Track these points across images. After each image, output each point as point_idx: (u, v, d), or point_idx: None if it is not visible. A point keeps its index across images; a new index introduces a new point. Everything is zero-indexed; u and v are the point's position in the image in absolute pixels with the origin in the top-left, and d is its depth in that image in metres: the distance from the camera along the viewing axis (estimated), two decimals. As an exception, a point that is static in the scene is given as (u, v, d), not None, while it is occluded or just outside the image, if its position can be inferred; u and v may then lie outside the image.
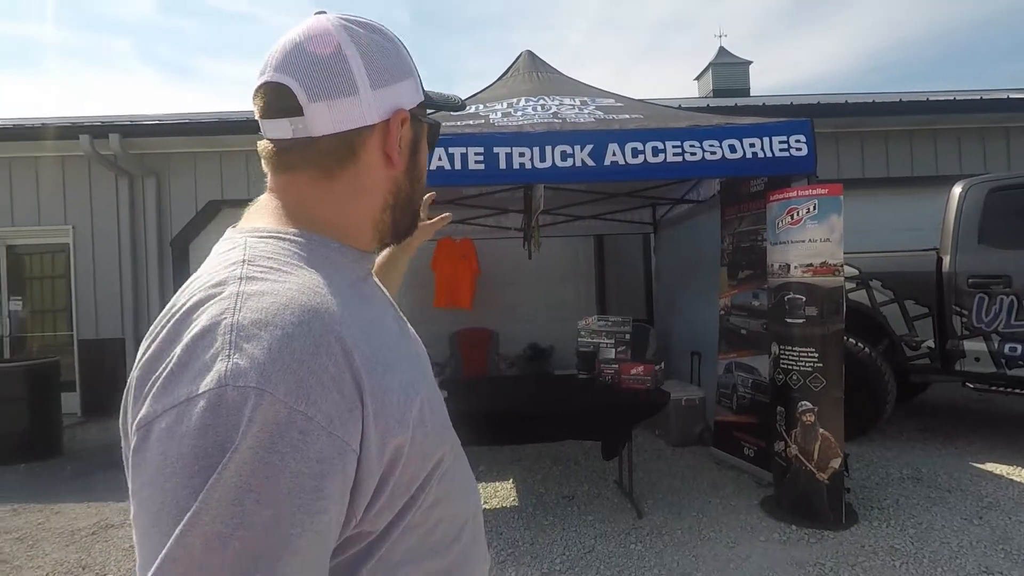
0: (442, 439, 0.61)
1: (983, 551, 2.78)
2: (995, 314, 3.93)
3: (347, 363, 0.49)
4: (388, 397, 0.52)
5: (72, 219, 6.46)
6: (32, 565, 3.00)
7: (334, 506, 0.47)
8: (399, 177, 0.66)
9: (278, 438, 0.44)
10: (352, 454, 0.48)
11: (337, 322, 0.51)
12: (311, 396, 0.46)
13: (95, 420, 6.27)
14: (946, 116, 6.61)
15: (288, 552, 0.44)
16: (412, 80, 0.65)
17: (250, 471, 0.42)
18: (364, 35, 0.62)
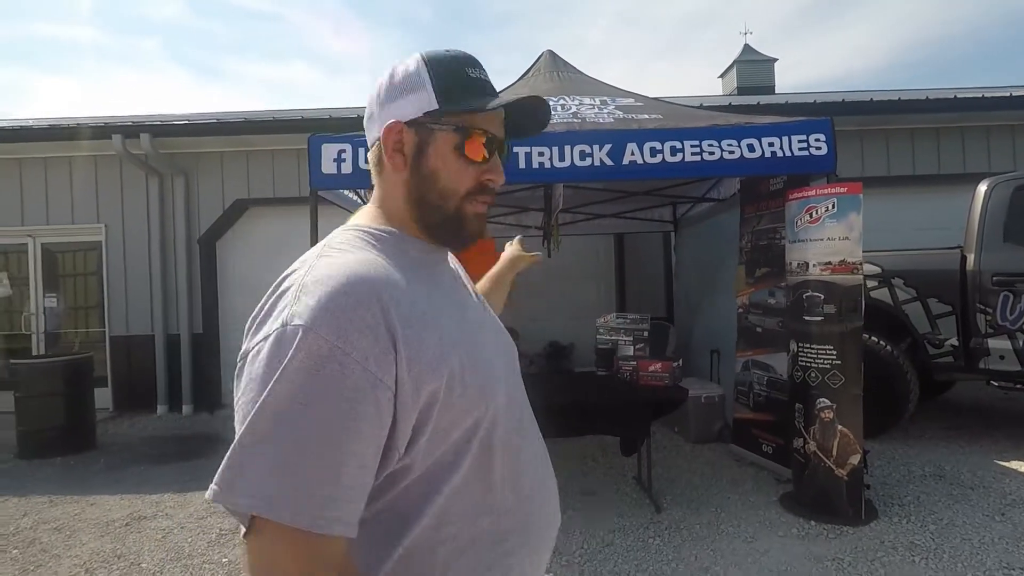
0: (484, 400, 0.69)
1: (1005, 548, 2.78)
2: (1020, 312, 3.89)
3: (383, 317, 0.61)
4: (422, 347, 0.63)
5: (104, 218, 6.65)
6: (70, 554, 3.13)
7: (366, 427, 0.59)
8: (407, 179, 0.75)
9: (320, 364, 0.57)
10: (385, 388, 0.60)
11: (380, 286, 0.63)
12: (349, 337, 0.58)
13: (126, 415, 6.46)
14: (974, 113, 6.50)
15: (316, 458, 0.57)
16: (421, 93, 0.72)
17: (297, 386, 0.57)
18: (400, 64, 0.75)
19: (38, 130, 6.38)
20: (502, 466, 0.71)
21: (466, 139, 0.73)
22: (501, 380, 0.74)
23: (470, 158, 0.73)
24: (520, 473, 0.75)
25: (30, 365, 5.10)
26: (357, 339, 0.59)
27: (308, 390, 0.57)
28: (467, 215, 0.76)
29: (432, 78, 0.73)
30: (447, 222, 0.76)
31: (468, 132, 0.73)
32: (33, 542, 3.27)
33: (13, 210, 6.64)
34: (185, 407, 6.52)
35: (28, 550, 3.17)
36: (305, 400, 0.56)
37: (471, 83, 0.74)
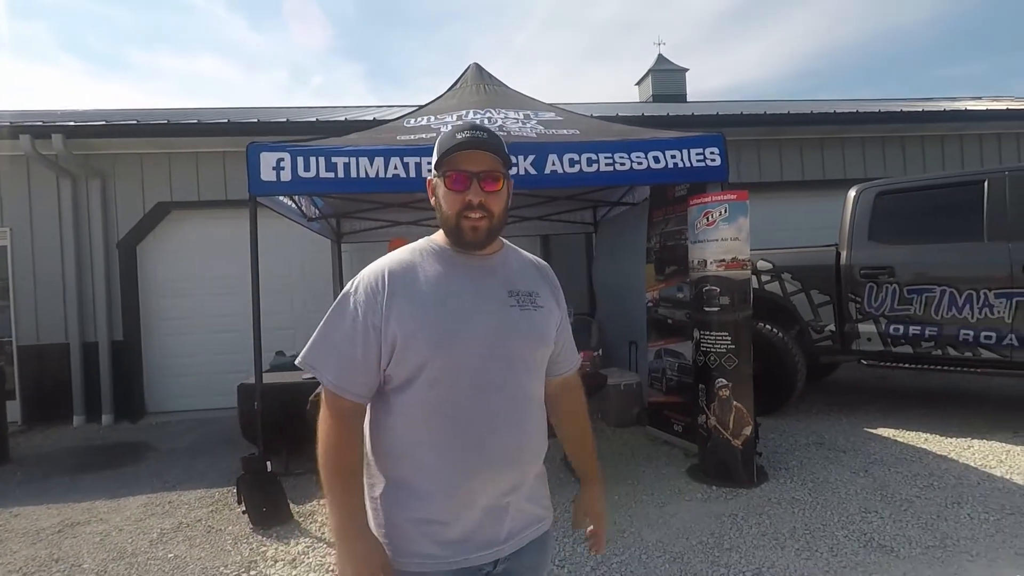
0: (432, 352, 1.06)
1: (865, 497, 3.33)
2: (882, 300, 4.56)
3: (382, 290, 1.09)
4: (396, 308, 1.07)
5: (9, 221, 6.33)
6: (2, 563, 3.09)
7: (365, 344, 1.07)
8: (436, 210, 1.19)
9: (346, 310, 1.11)
10: (376, 327, 1.07)
11: (390, 276, 1.10)
12: (364, 299, 1.10)
13: (38, 427, 6.18)
14: (850, 126, 7.39)
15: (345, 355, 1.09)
16: (433, 158, 1.18)
17: (336, 317, 1.12)
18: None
19: (-67, 129, 5.97)
20: (448, 401, 1.08)
21: (448, 180, 1.13)
22: (467, 351, 1.08)
23: (450, 190, 1.12)
24: (467, 413, 1.08)
25: (-67, 378, 4.82)
26: (367, 300, 1.09)
27: (342, 319, 1.10)
28: (463, 227, 1.12)
29: (437, 146, 1.15)
30: (452, 232, 1.14)
31: (447, 177, 1.13)
32: (-41, 555, 3.19)
33: (-97, 213, 6.18)
34: (105, 416, 6.30)
35: (-45, 562, 3.11)
36: (339, 324, 1.10)
37: (452, 143, 1.11)
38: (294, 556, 2.98)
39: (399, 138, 3.77)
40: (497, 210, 1.14)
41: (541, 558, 1.24)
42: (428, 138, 3.75)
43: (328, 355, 1.09)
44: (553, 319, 1.25)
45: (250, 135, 5.97)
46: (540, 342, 1.20)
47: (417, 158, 3.47)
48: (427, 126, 4.03)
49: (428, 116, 4.28)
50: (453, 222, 1.12)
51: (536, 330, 1.18)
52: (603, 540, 1.37)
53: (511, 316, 1.14)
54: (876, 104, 8.53)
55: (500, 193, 1.14)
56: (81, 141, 6.10)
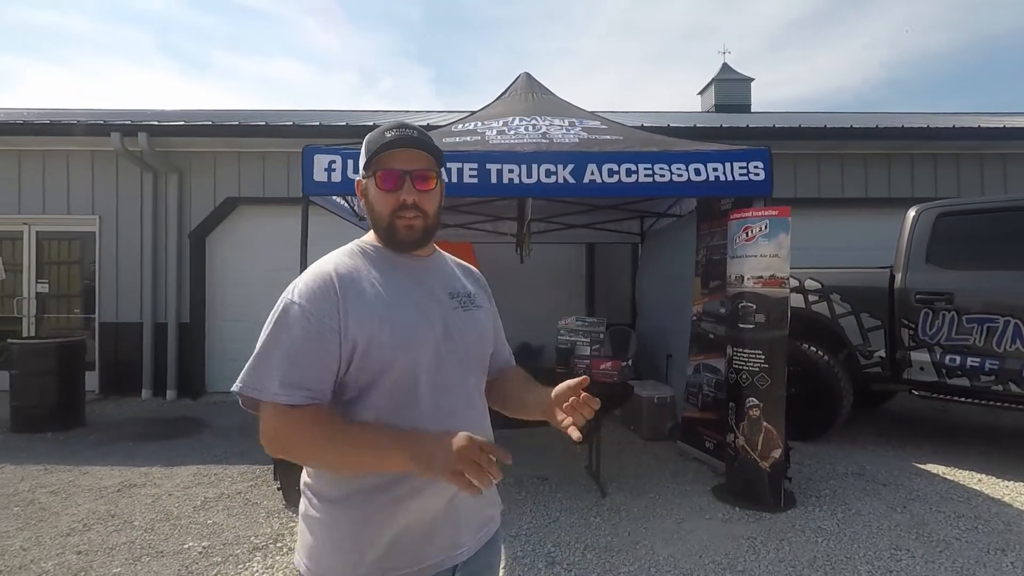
0: (394, 355, 1.03)
1: (899, 534, 3.18)
2: (938, 328, 4.33)
3: (335, 293, 1.03)
4: (354, 312, 1.03)
5: (99, 209, 6.93)
6: (67, 512, 3.44)
7: (324, 351, 1.00)
8: (367, 213, 1.16)
9: (295, 318, 1.01)
10: (334, 331, 1.01)
11: (337, 277, 1.05)
12: (317, 303, 1.02)
13: (112, 397, 6.73)
14: (920, 142, 7.00)
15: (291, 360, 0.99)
16: (361, 158, 1.14)
17: (283, 328, 1.02)
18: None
19: (39, 125, 6.63)
20: (407, 404, 1.05)
21: (380, 179, 1.11)
22: (424, 351, 1.06)
23: (382, 189, 1.11)
24: (426, 416, 1.05)
25: (25, 345, 5.36)
26: (321, 304, 1.02)
27: (290, 330, 1.01)
28: (397, 227, 1.11)
29: (365, 145, 1.13)
30: (386, 233, 1.13)
31: (380, 176, 1.11)
32: (32, 502, 3.57)
33: (10, 199, 6.89)
34: (169, 392, 6.79)
35: (28, 508, 3.48)
36: (288, 334, 1.00)
37: (382, 140, 1.10)
38: (318, 535, 3.15)
39: (444, 141, 3.91)
40: (431, 209, 1.13)
41: (494, 559, 1.23)
42: (472, 142, 3.88)
43: (276, 368, 0.98)
44: (491, 319, 1.27)
45: (313, 137, 6.32)
46: (485, 341, 1.23)
47: (459, 163, 3.59)
48: (472, 130, 4.16)
49: (475, 122, 4.41)
50: (386, 222, 1.11)
51: (480, 329, 1.20)
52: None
53: (458, 316, 1.15)
54: (952, 119, 8.03)
55: (433, 192, 1.13)
56: (162, 139, 6.62)
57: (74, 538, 3.10)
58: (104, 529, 3.21)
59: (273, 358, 0.99)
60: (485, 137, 3.98)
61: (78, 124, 6.55)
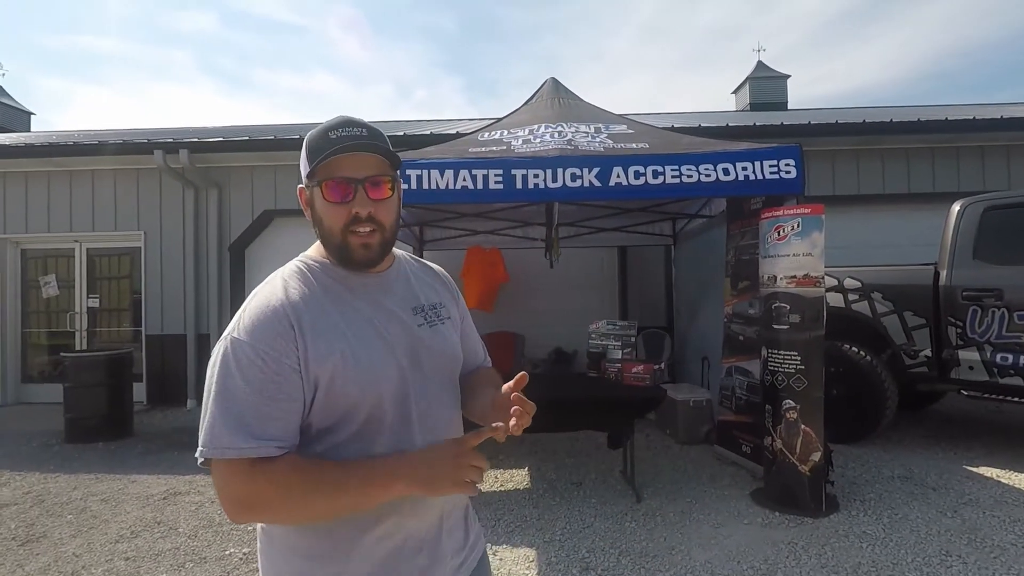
0: (360, 386, 0.92)
1: (948, 539, 3.05)
2: (987, 325, 4.14)
3: (290, 327, 0.90)
4: (315, 347, 0.90)
5: (144, 225, 7.22)
6: (117, 520, 3.58)
7: (286, 395, 0.88)
8: (314, 226, 1.01)
9: (247, 361, 0.87)
10: (293, 370, 0.89)
11: (291, 309, 0.91)
12: (269, 339, 0.88)
13: (159, 408, 6.98)
14: (967, 135, 6.73)
15: (252, 412, 0.86)
16: (303, 162, 0.99)
17: (234, 375, 0.87)
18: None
19: (88, 146, 6.96)
20: (386, 437, 0.95)
21: (330, 188, 0.95)
22: (392, 379, 0.96)
23: (330, 201, 0.95)
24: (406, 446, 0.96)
25: (78, 358, 5.61)
26: (275, 341, 0.88)
27: (244, 375, 0.86)
28: (351, 244, 0.97)
29: (306, 147, 0.97)
30: (338, 251, 0.98)
31: (328, 183, 0.95)
32: (84, 510, 3.72)
33: (63, 217, 7.25)
34: (213, 402, 7.00)
35: (80, 516, 3.63)
36: (242, 383, 0.86)
37: (326, 143, 0.94)
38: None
39: (471, 150, 3.95)
40: (388, 221, 0.99)
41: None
42: (498, 151, 3.91)
43: (237, 420, 0.85)
44: (458, 326, 1.17)
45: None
46: (454, 358, 1.11)
47: (485, 170, 3.62)
48: (499, 139, 4.19)
49: (501, 130, 4.44)
50: (338, 239, 0.97)
51: (448, 346, 1.09)
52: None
53: (422, 336, 1.03)
54: (1000, 109, 7.69)
55: (390, 201, 0.99)
56: (202, 155, 6.87)
57: (123, 544, 3.23)
58: (151, 536, 3.33)
59: (230, 410, 0.85)
60: (511, 146, 4.00)
61: (124, 144, 6.86)
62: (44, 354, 7.50)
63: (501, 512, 3.54)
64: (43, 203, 7.27)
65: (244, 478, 0.85)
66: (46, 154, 6.99)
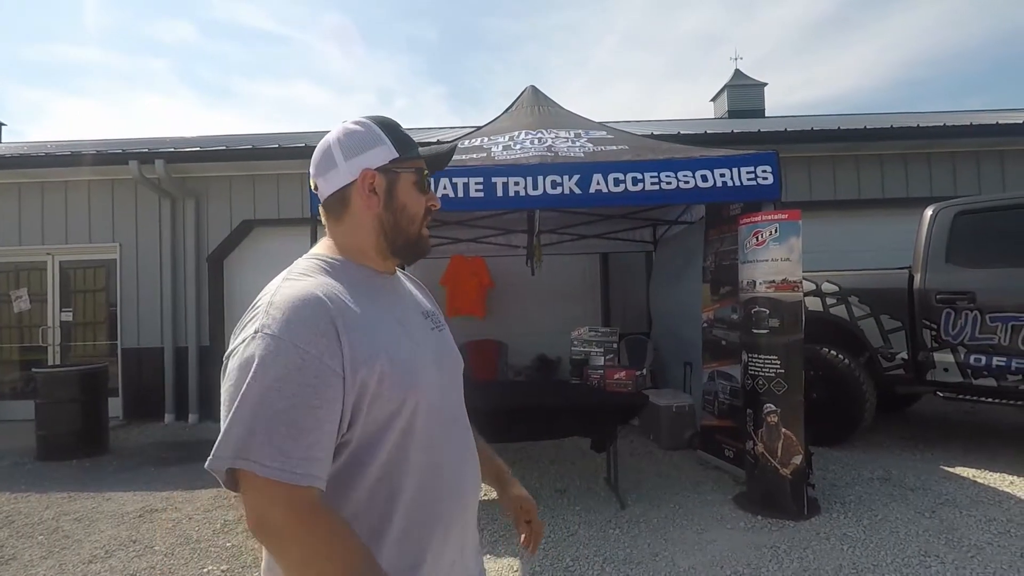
0: (404, 393, 0.86)
1: (927, 539, 3.09)
2: (961, 328, 4.23)
3: (331, 323, 0.80)
4: (360, 347, 0.82)
5: (119, 237, 7.08)
6: (90, 540, 3.48)
7: (328, 403, 0.78)
8: (380, 213, 0.96)
9: (287, 360, 0.77)
10: (337, 376, 0.79)
11: (330, 303, 0.82)
12: (310, 338, 0.78)
13: (135, 423, 6.82)
14: (938, 141, 6.89)
15: (295, 427, 0.76)
16: (381, 147, 0.96)
17: (271, 376, 0.76)
18: (348, 129, 0.97)
19: (61, 156, 6.83)
20: (420, 448, 0.89)
21: (419, 177, 0.98)
22: (429, 383, 0.91)
23: (422, 191, 0.99)
24: (440, 456, 0.92)
25: (50, 374, 5.47)
26: (313, 341, 0.78)
27: (281, 378, 0.76)
28: (423, 236, 1.00)
29: (386, 134, 0.96)
30: (410, 242, 0.98)
31: (419, 172, 0.98)
32: (56, 530, 3.62)
33: (34, 230, 7.09)
34: (191, 416, 6.87)
35: (52, 536, 3.52)
36: (279, 385, 0.76)
37: (407, 137, 0.99)
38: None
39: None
40: None
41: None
42: (478, 159, 3.91)
43: (273, 434, 0.75)
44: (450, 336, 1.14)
45: (324, 158, 6.40)
46: (460, 364, 1.08)
47: (465, 178, 3.62)
48: (479, 147, 4.19)
49: (481, 138, 4.44)
50: (416, 229, 0.98)
51: (454, 349, 1.08)
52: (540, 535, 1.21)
53: (438, 339, 1.02)
54: (970, 116, 7.90)
55: None
56: (179, 165, 6.77)
57: (96, 565, 3.13)
58: (126, 555, 3.24)
59: (264, 418, 0.75)
60: (491, 153, 4.01)
61: (97, 154, 6.73)
62: (15, 370, 7.30)
63: (485, 521, 3.51)
64: (14, 215, 7.10)
65: (282, 505, 0.76)
66: (16, 165, 6.84)
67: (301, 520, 0.76)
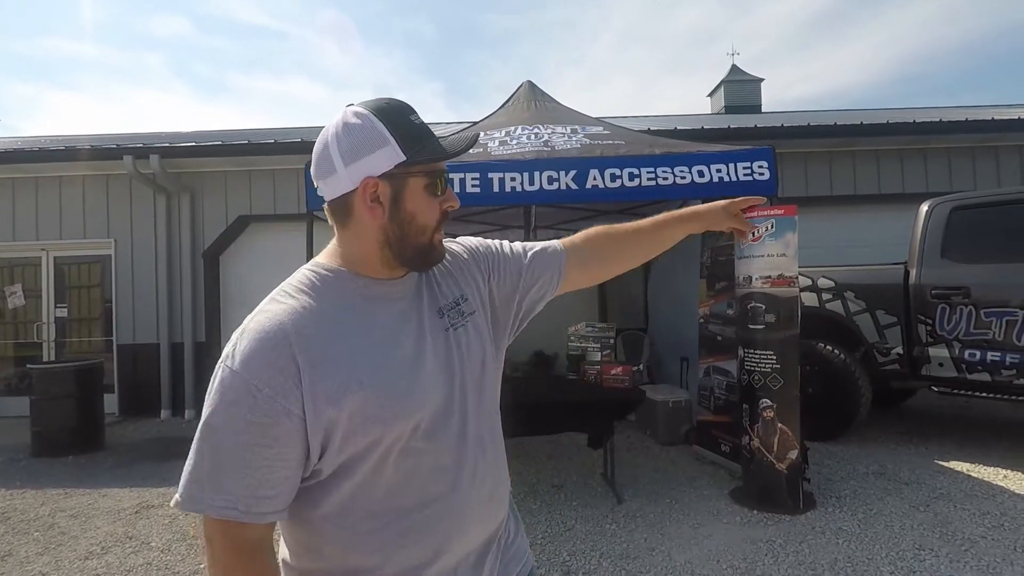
0: (384, 426, 0.80)
1: (922, 533, 3.11)
2: (956, 323, 4.24)
3: (292, 360, 0.76)
4: (324, 384, 0.76)
5: (114, 232, 7.05)
6: (86, 536, 3.47)
7: (280, 442, 0.75)
8: (384, 224, 0.85)
9: (240, 397, 0.74)
10: (293, 415, 0.75)
11: (294, 334, 0.77)
12: (263, 375, 0.74)
13: (131, 419, 6.81)
14: (934, 137, 6.90)
15: (241, 464, 0.74)
16: (387, 148, 0.82)
17: (223, 412, 0.74)
18: (348, 124, 0.83)
19: (54, 151, 6.79)
20: (400, 476, 0.83)
21: (433, 180, 0.86)
22: (425, 402, 0.84)
23: (435, 195, 0.87)
24: (432, 480, 0.86)
25: (45, 370, 5.45)
26: (270, 378, 0.74)
27: (233, 416, 0.74)
28: (436, 244, 0.89)
29: (392, 133, 0.82)
30: (421, 253, 0.88)
31: (432, 175, 0.86)
32: (52, 526, 3.61)
33: (29, 225, 7.05)
34: (188, 412, 6.86)
35: (48, 532, 3.52)
36: (231, 425, 0.74)
37: (418, 131, 0.85)
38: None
39: (447, 155, 3.94)
40: None
41: None
42: (474, 154, 3.90)
43: (222, 477, 0.74)
44: (484, 315, 1.01)
45: (320, 153, 6.37)
46: (485, 359, 0.97)
47: (461, 174, 3.62)
48: (475, 143, 4.17)
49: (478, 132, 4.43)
50: (428, 238, 0.88)
51: (480, 348, 0.96)
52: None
53: (451, 342, 0.92)
54: (965, 112, 7.92)
55: None
56: (174, 160, 6.74)
57: (92, 561, 3.13)
58: (122, 551, 3.24)
59: (219, 460, 0.74)
60: (488, 148, 4.00)
61: (91, 149, 6.70)
62: (10, 366, 7.28)
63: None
64: (7, 211, 7.06)
65: (218, 544, 0.77)
66: (10, 160, 6.81)
67: (237, 558, 0.77)
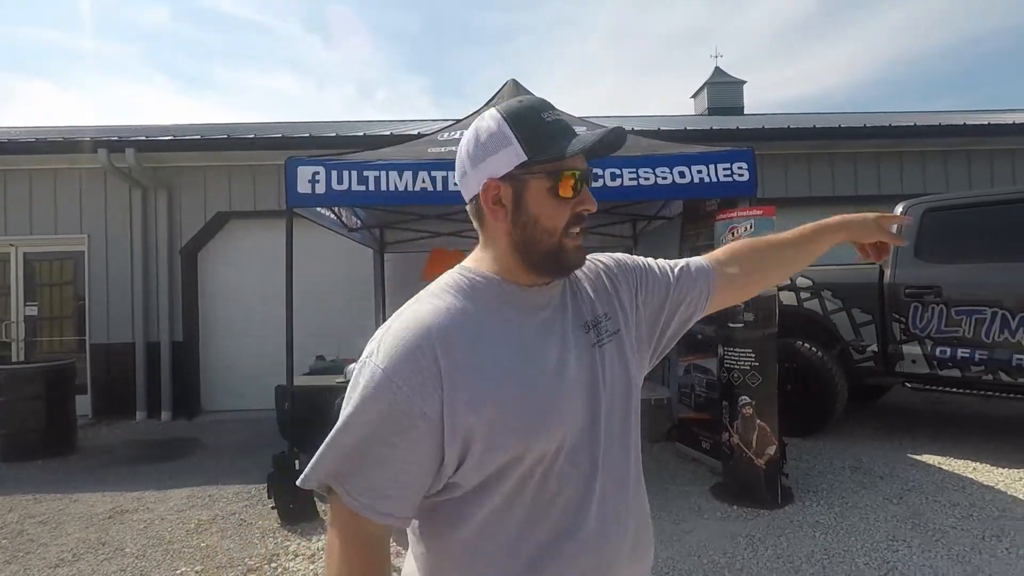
0: (525, 440, 0.76)
1: (895, 525, 3.19)
2: (928, 321, 4.35)
3: (435, 362, 0.74)
4: (465, 389, 0.74)
5: (87, 228, 6.87)
6: (56, 543, 3.38)
7: (412, 444, 0.74)
8: (508, 228, 0.82)
9: (380, 393, 0.74)
10: (428, 419, 0.74)
11: (438, 336, 0.76)
12: (405, 375, 0.74)
13: (105, 421, 6.64)
14: (909, 140, 7.06)
15: (371, 460, 0.75)
16: (509, 148, 0.80)
17: (363, 406, 0.75)
18: (483, 125, 0.83)
19: (25, 143, 6.60)
20: (543, 498, 0.79)
21: (556, 181, 0.80)
22: (565, 428, 0.80)
23: (563, 197, 0.80)
24: (574, 511, 0.80)
25: (14, 370, 5.31)
26: (410, 377, 0.73)
27: (369, 411, 0.74)
28: (567, 248, 0.82)
29: (515, 133, 0.79)
30: (549, 257, 0.82)
31: (557, 175, 0.80)
32: (20, 533, 3.51)
33: (-4, 220, 6.84)
34: (164, 413, 6.72)
35: (16, 540, 3.43)
36: (365, 419, 0.74)
37: (548, 128, 0.80)
38: (313, 552, 3.12)
39: (430, 151, 3.92)
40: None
41: None
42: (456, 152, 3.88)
43: (348, 463, 0.75)
44: (629, 334, 0.93)
45: (302, 149, 6.30)
46: (632, 384, 0.91)
47: (444, 172, 3.60)
48: (458, 139, 4.16)
49: (462, 130, 4.41)
50: (556, 242, 0.81)
51: (626, 369, 0.90)
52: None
53: (598, 360, 0.86)
54: (939, 117, 8.11)
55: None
56: (151, 155, 6.58)
57: (63, 569, 3.05)
58: (94, 558, 3.16)
59: (349, 445, 0.75)
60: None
61: (64, 141, 6.51)
62: (-22, 366, 7.08)
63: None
64: (-26, 205, 6.86)
65: (335, 528, 0.78)
66: (-23, 153, 6.60)
67: (352, 548, 0.76)
